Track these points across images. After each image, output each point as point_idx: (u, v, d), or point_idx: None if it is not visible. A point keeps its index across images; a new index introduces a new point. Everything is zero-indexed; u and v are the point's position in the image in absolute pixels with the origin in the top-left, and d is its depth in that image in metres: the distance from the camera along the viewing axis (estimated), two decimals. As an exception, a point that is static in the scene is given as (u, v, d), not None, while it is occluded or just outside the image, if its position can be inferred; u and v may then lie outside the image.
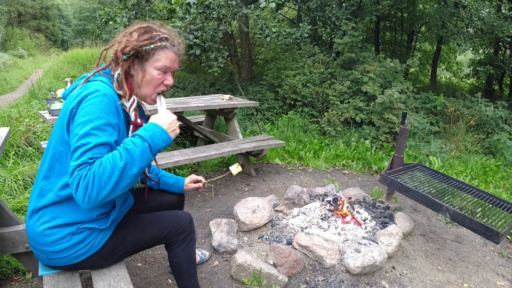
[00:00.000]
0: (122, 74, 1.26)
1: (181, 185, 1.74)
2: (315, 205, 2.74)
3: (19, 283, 1.93)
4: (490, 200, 2.61)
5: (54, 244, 1.27)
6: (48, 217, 1.26)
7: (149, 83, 1.30)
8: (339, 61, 6.38)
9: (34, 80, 8.18)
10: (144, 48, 1.25)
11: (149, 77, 1.29)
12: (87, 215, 1.29)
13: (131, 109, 1.28)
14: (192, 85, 8.03)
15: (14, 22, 24.04)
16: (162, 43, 1.28)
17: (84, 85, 1.22)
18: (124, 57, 1.25)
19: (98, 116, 1.13)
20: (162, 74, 1.31)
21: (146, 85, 1.30)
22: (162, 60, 1.29)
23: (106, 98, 1.17)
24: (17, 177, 2.87)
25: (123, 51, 1.24)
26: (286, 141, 4.76)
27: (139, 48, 1.24)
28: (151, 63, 1.28)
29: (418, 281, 2.20)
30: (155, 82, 1.31)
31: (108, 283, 1.34)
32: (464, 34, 6.43)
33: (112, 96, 1.21)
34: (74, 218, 1.27)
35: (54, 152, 1.24)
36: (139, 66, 1.28)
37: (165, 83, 1.33)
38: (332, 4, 6.41)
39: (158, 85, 1.32)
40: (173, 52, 1.31)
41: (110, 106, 1.18)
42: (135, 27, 1.30)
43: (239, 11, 4.81)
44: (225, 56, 5.05)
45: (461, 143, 5.30)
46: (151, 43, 1.26)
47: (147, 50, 1.25)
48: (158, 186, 1.71)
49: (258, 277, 1.97)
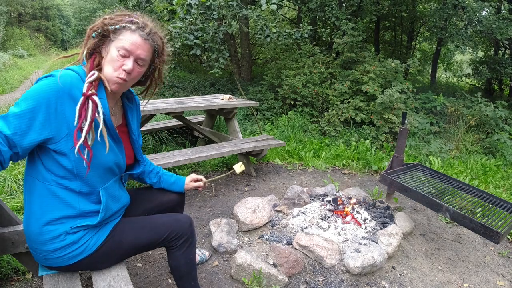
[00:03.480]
0: (85, 50, 1.26)
1: (182, 184, 1.73)
2: (315, 205, 2.75)
3: (19, 283, 1.93)
4: (490, 200, 2.61)
5: (48, 243, 1.27)
6: (39, 213, 1.25)
7: (108, 63, 1.26)
8: (339, 61, 6.39)
9: (34, 80, 8.17)
10: (110, 27, 1.24)
11: (109, 57, 1.26)
12: (73, 210, 1.27)
13: (86, 81, 1.20)
14: (192, 85, 8.03)
15: (14, 22, 24.04)
16: (128, 24, 1.25)
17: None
18: (93, 35, 1.25)
19: (26, 97, 1.13)
20: (121, 57, 1.25)
21: (106, 65, 1.26)
22: (123, 40, 1.24)
23: (52, 80, 1.16)
24: (17, 177, 2.86)
25: (92, 29, 1.25)
26: (286, 141, 4.76)
27: (105, 26, 1.24)
28: (114, 42, 1.25)
29: (418, 281, 2.21)
30: (114, 64, 1.25)
31: (108, 283, 1.34)
32: (463, 36, 6.43)
33: (70, 78, 1.19)
34: (61, 213, 1.26)
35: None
36: (107, 46, 1.27)
37: (123, 67, 1.26)
38: (332, 4, 6.41)
39: (117, 68, 1.26)
40: (139, 36, 1.26)
41: (53, 90, 1.15)
42: (113, 14, 1.29)
43: (240, 11, 4.82)
44: (226, 56, 5.05)
45: (461, 143, 5.30)
46: (117, 23, 1.24)
47: (112, 30, 1.24)
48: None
49: (258, 277, 1.97)
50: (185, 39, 4.65)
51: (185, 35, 4.65)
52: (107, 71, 1.26)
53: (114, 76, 1.26)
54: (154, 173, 1.71)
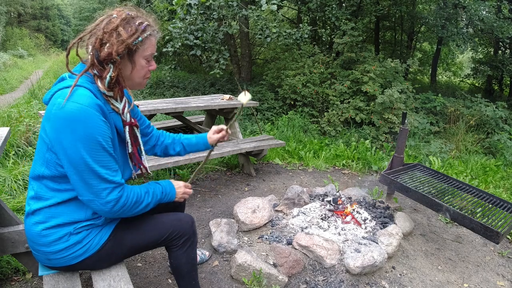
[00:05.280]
0: (108, 78, 1.22)
1: (205, 141, 1.69)
2: (315, 205, 2.75)
3: (19, 283, 1.93)
4: (490, 200, 2.61)
5: (51, 245, 1.27)
6: (45, 217, 1.26)
7: (139, 73, 1.29)
8: (339, 61, 6.38)
9: (34, 80, 8.18)
10: (134, 43, 1.22)
11: (139, 68, 1.28)
12: (83, 215, 1.29)
13: (125, 111, 1.31)
14: (192, 85, 8.04)
15: (14, 22, 24.04)
16: (147, 32, 1.25)
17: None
18: (118, 58, 1.21)
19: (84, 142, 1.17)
20: (147, 62, 1.30)
21: (137, 76, 1.30)
22: (149, 48, 1.27)
23: (88, 111, 1.16)
24: (17, 177, 2.87)
25: (118, 52, 1.20)
26: (286, 141, 4.76)
27: (130, 45, 1.22)
28: (140, 54, 1.26)
29: (418, 281, 2.21)
30: (144, 71, 1.31)
31: (108, 283, 1.34)
32: (464, 35, 6.43)
33: (96, 107, 1.18)
34: (70, 218, 1.27)
35: (43, 159, 1.24)
36: (127, 59, 1.25)
37: (150, 68, 1.33)
38: (332, 5, 6.41)
39: (146, 72, 1.32)
40: (154, 37, 1.30)
41: (97, 119, 1.18)
42: (117, 22, 1.22)
43: (240, 12, 4.82)
44: (226, 57, 5.05)
45: (461, 143, 5.30)
46: (139, 36, 1.23)
47: (137, 44, 1.23)
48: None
49: (258, 277, 1.97)
50: (185, 39, 4.66)
51: (185, 35, 4.66)
52: (137, 80, 1.32)
53: (143, 81, 1.34)
54: (176, 143, 1.69)
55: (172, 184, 1.48)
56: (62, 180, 1.24)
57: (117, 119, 1.30)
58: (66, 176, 1.22)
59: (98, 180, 1.18)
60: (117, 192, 1.22)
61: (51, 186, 1.25)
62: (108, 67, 1.21)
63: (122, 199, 1.24)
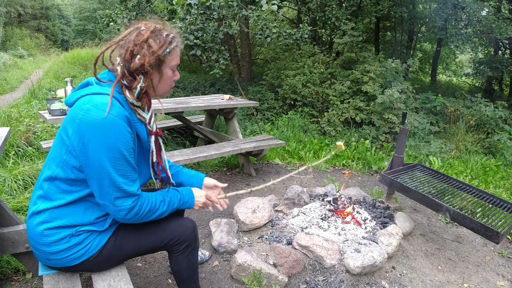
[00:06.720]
0: (145, 86, 1.28)
1: (200, 181, 1.63)
2: (315, 205, 2.74)
3: (19, 283, 1.93)
4: (490, 200, 2.61)
5: (52, 245, 1.27)
6: (49, 217, 1.26)
7: (165, 83, 1.35)
8: (339, 61, 6.38)
9: (34, 80, 8.17)
10: (163, 54, 1.27)
11: (166, 78, 1.33)
12: (87, 218, 1.29)
13: (151, 122, 1.38)
14: (192, 85, 8.03)
15: (14, 22, 24.04)
16: (174, 44, 1.31)
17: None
18: (150, 68, 1.26)
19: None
20: (173, 72, 1.36)
21: (163, 85, 1.36)
22: (175, 59, 1.33)
23: (117, 122, 1.20)
24: (17, 177, 2.86)
25: (150, 63, 1.24)
26: (286, 141, 4.76)
27: (161, 56, 1.27)
28: (167, 64, 1.31)
29: (418, 281, 2.21)
30: (170, 80, 1.36)
31: (108, 283, 1.34)
32: (463, 36, 6.43)
33: (124, 118, 1.22)
34: (74, 221, 1.28)
35: (59, 160, 1.25)
36: (156, 70, 1.30)
37: (175, 78, 1.38)
38: (332, 5, 6.41)
39: (172, 82, 1.38)
40: (179, 48, 1.35)
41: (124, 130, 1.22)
42: (147, 34, 1.25)
43: (240, 12, 4.82)
44: (226, 57, 5.05)
45: (461, 143, 5.29)
46: (167, 47, 1.28)
47: (165, 55, 1.28)
48: (168, 182, 1.60)
49: (258, 277, 1.97)
50: (185, 39, 4.66)
51: (185, 35, 4.66)
52: (164, 90, 1.38)
53: (169, 90, 1.40)
54: (172, 167, 1.66)
55: (192, 192, 1.48)
56: (74, 183, 1.25)
57: (141, 129, 1.33)
58: (79, 179, 1.24)
59: (114, 188, 1.21)
60: (131, 202, 1.25)
61: (62, 187, 1.26)
62: (138, 77, 1.27)
63: (135, 208, 1.27)
